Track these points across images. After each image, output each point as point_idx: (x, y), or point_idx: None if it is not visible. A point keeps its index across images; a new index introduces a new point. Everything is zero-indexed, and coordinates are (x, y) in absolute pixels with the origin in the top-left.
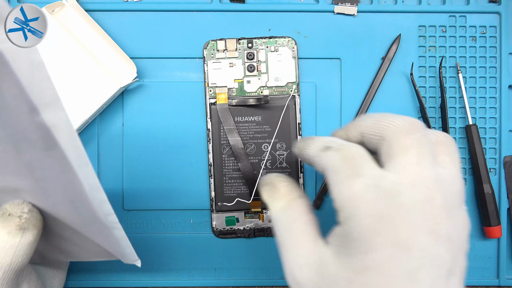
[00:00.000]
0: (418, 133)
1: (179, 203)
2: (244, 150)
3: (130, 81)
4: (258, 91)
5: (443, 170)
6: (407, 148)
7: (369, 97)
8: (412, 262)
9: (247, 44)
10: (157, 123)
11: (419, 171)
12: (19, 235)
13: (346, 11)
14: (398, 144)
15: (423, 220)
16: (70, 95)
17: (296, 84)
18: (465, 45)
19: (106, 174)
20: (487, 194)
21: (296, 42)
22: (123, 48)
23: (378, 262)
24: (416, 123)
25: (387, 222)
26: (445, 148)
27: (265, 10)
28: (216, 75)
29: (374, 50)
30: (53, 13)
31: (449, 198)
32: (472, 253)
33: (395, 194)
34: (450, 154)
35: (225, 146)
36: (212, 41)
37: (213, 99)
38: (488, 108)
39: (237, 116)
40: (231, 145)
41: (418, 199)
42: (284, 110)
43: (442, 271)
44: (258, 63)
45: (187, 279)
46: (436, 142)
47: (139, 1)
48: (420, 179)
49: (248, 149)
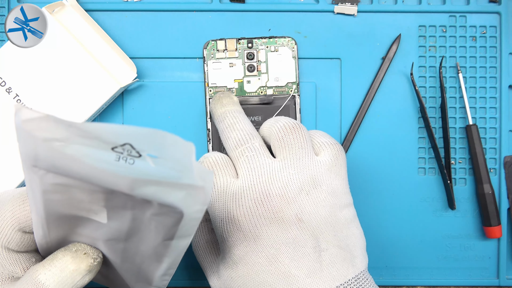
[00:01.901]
0: (285, 136)
1: None
2: None
3: (130, 81)
4: (260, 91)
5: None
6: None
7: (369, 97)
8: (266, 249)
9: (247, 44)
10: (157, 123)
11: (259, 172)
12: (83, 275)
13: (346, 11)
14: (272, 144)
15: (264, 212)
16: (70, 95)
17: (296, 84)
18: (465, 45)
19: None
20: (487, 194)
21: (296, 42)
22: (123, 48)
23: (239, 256)
24: (287, 126)
25: (234, 221)
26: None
27: (265, 10)
28: (216, 75)
29: (374, 50)
30: (53, 13)
31: (292, 186)
32: (472, 253)
33: (238, 197)
34: (325, 144)
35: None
36: (212, 41)
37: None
38: (488, 108)
39: None
40: None
41: (255, 197)
42: (284, 110)
43: (306, 249)
44: (258, 63)
45: (187, 279)
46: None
47: (139, 1)
48: (258, 179)
49: None
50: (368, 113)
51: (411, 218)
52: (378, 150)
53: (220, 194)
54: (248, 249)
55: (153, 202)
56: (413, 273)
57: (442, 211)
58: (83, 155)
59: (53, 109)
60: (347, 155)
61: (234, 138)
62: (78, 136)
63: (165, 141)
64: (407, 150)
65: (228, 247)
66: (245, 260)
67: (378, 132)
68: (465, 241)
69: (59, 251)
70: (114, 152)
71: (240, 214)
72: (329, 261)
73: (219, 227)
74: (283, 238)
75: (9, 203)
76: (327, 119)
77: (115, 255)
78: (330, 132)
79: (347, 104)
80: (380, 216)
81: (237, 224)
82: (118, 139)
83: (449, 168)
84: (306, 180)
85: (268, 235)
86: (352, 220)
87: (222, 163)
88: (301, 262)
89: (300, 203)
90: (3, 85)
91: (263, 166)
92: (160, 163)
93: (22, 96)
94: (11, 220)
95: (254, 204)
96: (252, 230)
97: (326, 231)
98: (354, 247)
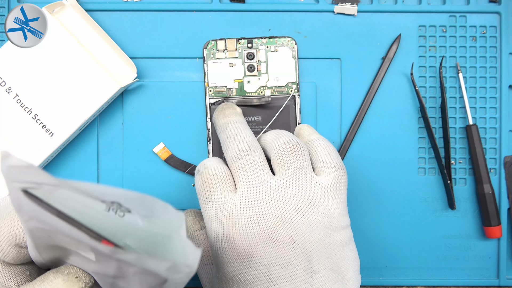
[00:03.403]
0: (286, 154)
1: (179, 203)
2: None
3: (130, 81)
4: (259, 91)
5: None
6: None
7: (369, 97)
8: (259, 268)
9: (247, 44)
10: (157, 123)
11: (257, 189)
12: None
13: (346, 11)
14: (272, 160)
15: (259, 232)
16: (70, 95)
17: (296, 84)
18: (465, 45)
19: (106, 174)
20: (487, 194)
21: (296, 42)
22: (123, 48)
23: (231, 273)
24: (289, 144)
25: (229, 239)
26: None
27: (265, 10)
28: (216, 75)
29: (374, 50)
30: (53, 13)
31: (288, 206)
32: (472, 253)
33: (235, 214)
34: (326, 162)
35: None
36: (212, 41)
37: (213, 99)
38: (488, 108)
39: None
40: None
41: (251, 215)
42: (285, 110)
43: (298, 270)
44: (258, 63)
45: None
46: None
47: (139, 1)
48: (255, 196)
49: None
50: (368, 113)
51: (411, 218)
52: (378, 150)
53: (217, 210)
54: (241, 267)
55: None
56: (413, 273)
57: (442, 211)
58: (71, 199)
59: (53, 109)
60: (347, 155)
61: (235, 149)
62: (65, 187)
63: (155, 205)
64: (407, 150)
65: (222, 263)
66: (238, 277)
67: (378, 132)
68: (465, 241)
69: (50, 272)
70: (104, 203)
71: (236, 232)
72: (320, 283)
73: (214, 243)
74: (276, 258)
75: (7, 217)
76: (327, 119)
77: (105, 285)
78: (330, 132)
79: (347, 104)
80: (380, 216)
81: (231, 242)
82: (107, 197)
83: (449, 168)
84: (303, 201)
85: (261, 254)
86: (347, 243)
87: (221, 176)
88: (292, 283)
89: (295, 224)
90: (3, 85)
91: (262, 183)
92: (150, 221)
93: (22, 96)
94: (8, 236)
95: (250, 223)
96: (246, 249)
97: (319, 253)
98: (346, 270)
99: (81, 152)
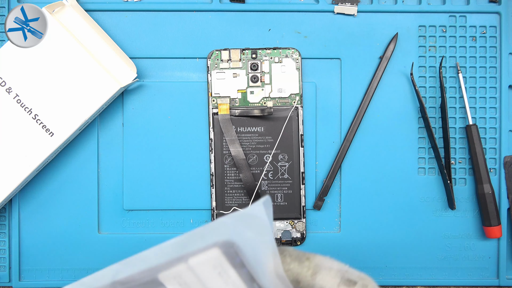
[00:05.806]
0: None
1: (179, 203)
2: (245, 161)
3: (130, 81)
4: (262, 101)
5: None
6: None
7: (367, 97)
8: None
9: (251, 55)
10: (157, 123)
11: None
12: None
13: (346, 11)
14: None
15: None
16: (70, 95)
17: (300, 95)
18: (465, 45)
19: (106, 174)
20: (487, 194)
21: (300, 53)
22: (123, 48)
23: None
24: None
25: None
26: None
27: (265, 10)
28: (219, 85)
29: (374, 50)
30: (53, 13)
31: None
32: (472, 253)
33: None
34: None
35: (227, 156)
36: (216, 51)
37: (216, 109)
38: (488, 108)
39: (239, 127)
40: (232, 156)
41: None
42: (287, 122)
43: None
44: (261, 74)
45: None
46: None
47: (139, 1)
48: None
49: (250, 160)
50: (368, 113)
51: (411, 218)
52: (378, 150)
53: None
54: None
55: None
56: (413, 273)
57: (442, 211)
58: None
59: (53, 109)
60: (347, 155)
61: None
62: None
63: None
64: (407, 150)
65: None
66: None
67: (378, 132)
68: (465, 241)
69: None
70: None
71: None
72: None
73: None
74: None
75: None
76: (327, 119)
77: None
78: (330, 131)
79: (347, 104)
80: (380, 216)
81: None
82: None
83: (449, 168)
84: None
85: None
86: None
87: None
88: None
89: None
90: (3, 85)
91: None
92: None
93: (22, 96)
94: None
95: None
96: None
97: None
98: None
99: (81, 152)
